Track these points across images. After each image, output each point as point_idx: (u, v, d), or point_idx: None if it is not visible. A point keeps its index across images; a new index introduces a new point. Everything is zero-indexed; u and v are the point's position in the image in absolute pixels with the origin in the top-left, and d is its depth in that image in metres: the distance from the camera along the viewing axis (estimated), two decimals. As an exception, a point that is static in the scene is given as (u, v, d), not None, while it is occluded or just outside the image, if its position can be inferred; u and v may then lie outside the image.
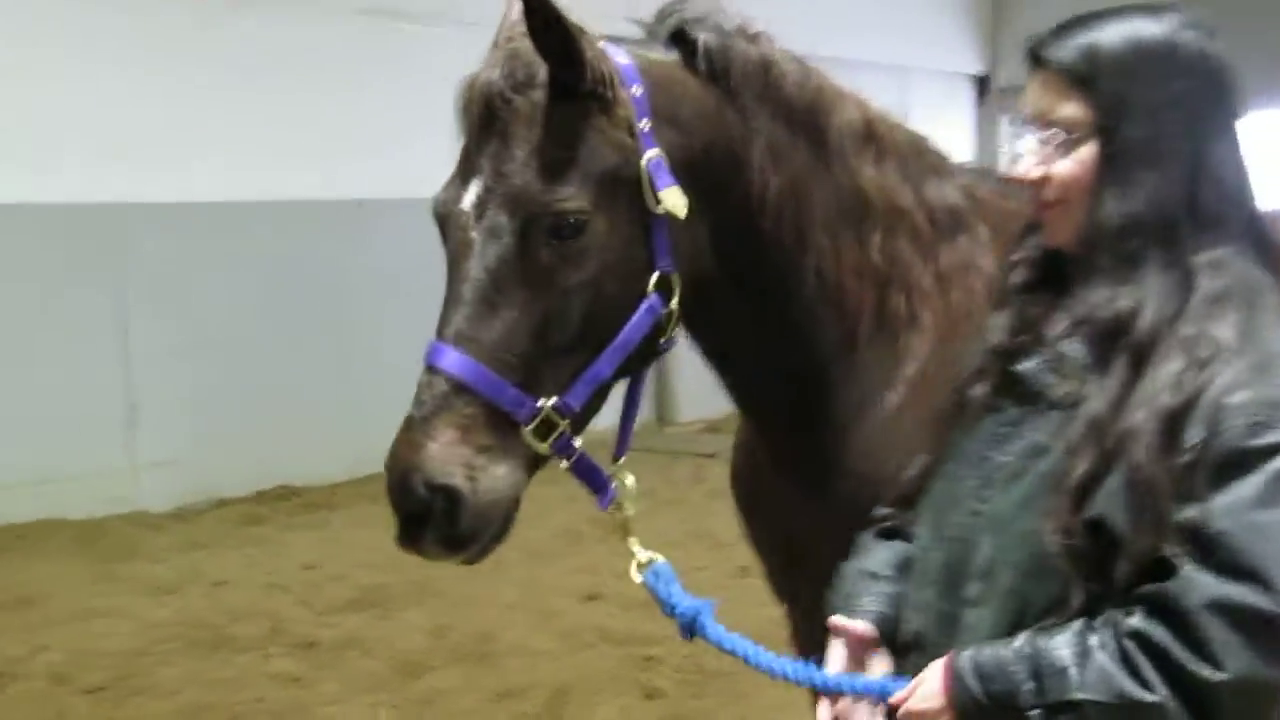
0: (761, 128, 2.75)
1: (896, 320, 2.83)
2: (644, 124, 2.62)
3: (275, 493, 9.29)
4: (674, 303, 2.63)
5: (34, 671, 6.11)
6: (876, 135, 2.87)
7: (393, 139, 9.90)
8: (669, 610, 2.44)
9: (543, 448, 2.49)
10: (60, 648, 6.39)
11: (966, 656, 2.03)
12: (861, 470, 2.71)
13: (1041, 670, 1.93)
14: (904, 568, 2.32)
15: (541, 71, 2.57)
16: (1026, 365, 2.14)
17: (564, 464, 2.54)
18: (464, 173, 2.60)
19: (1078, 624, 1.95)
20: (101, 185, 8.67)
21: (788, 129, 2.79)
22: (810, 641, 2.70)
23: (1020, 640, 1.98)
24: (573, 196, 2.54)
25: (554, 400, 2.50)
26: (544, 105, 2.57)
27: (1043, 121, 2.07)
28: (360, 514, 8.71)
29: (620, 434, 2.71)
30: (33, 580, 7.40)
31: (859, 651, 2.29)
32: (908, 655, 2.23)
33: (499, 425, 2.45)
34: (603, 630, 6.54)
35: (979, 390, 2.22)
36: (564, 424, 2.51)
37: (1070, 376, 2.06)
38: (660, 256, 2.63)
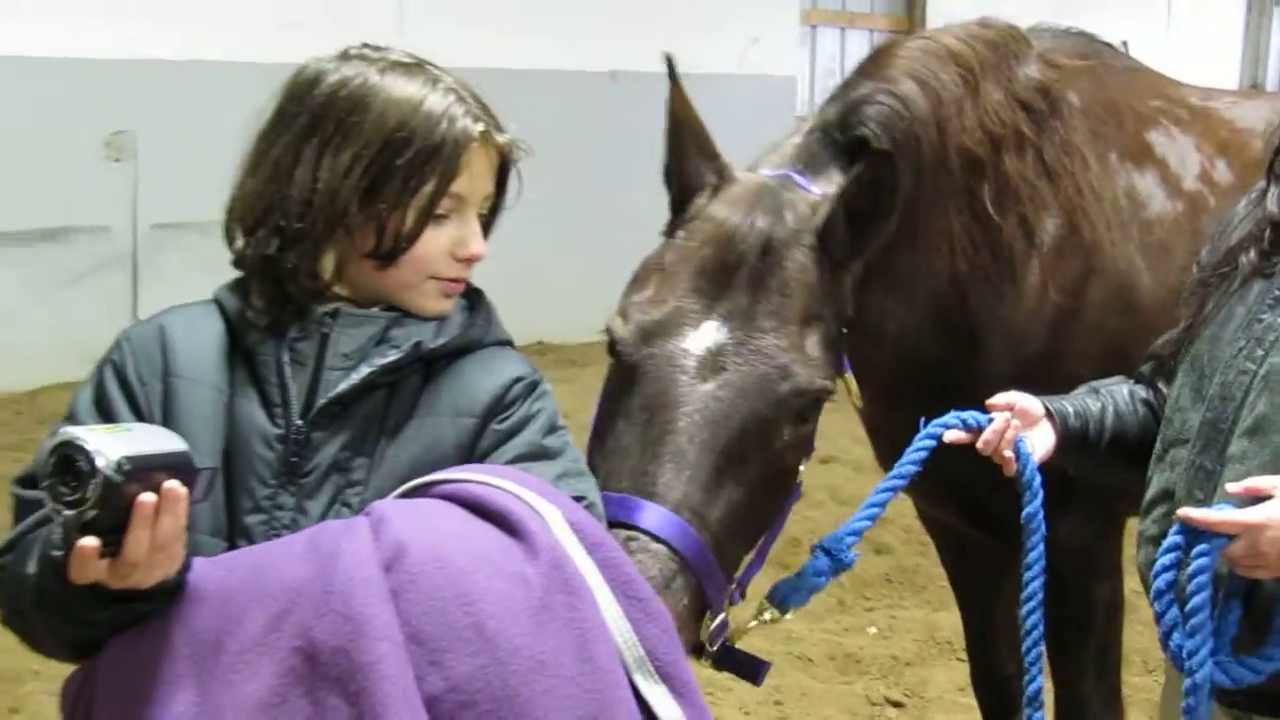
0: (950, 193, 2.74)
1: (1013, 250, 2.83)
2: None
3: (533, 348, 9.82)
4: (802, 482, 2.48)
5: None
6: (969, 76, 2.79)
7: (648, 12, 10.22)
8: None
9: (704, 635, 2.26)
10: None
11: None
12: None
13: None
14: (1131, 403, 2.47)
15: (805, 228, 2.43)
16: None
17: (712, 650, 2.29)
18: (690, 310, 2.36)
19: None
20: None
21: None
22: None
23: None
24: (830, 377, 2.39)
25: (732, 585, 2.32)
26: (811, 267, 2.41)
27: None
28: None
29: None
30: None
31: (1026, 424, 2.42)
32: (1154, 508, 2.29)
33: (696, 613, 2.20)
34: (833, 490, 6.86)
35: (1250, 256, 2.27)
36: (728, 609, 2.30)
37: None
38: (812, 440, 2.47)
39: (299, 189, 1.93)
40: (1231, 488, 2.10)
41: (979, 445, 2.43)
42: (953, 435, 2.44)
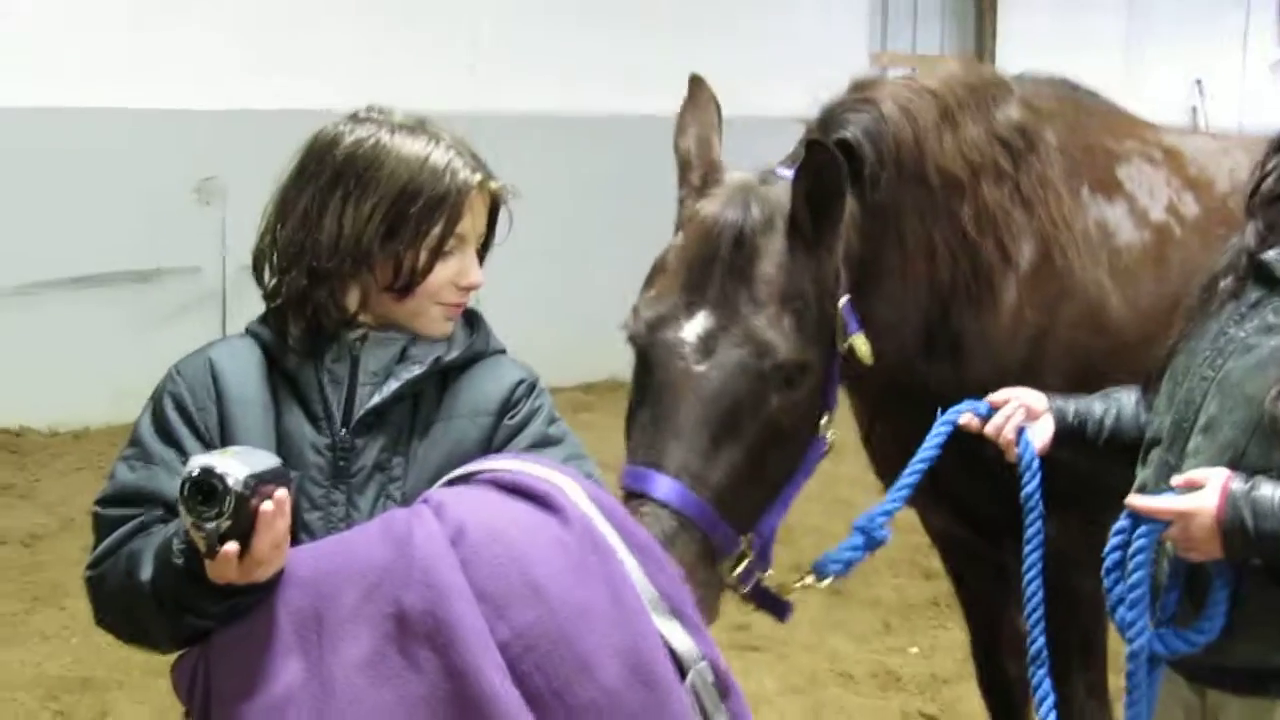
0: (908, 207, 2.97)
1: (992, 269, 3.07)
2: (841, 267, 2.79)
3: (604, 385, 10.09)
4: (831, 435, 2.81)
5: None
6: (947, 110, 3.03)
7: (714, 57, 10.46)
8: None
9: (731, 579, 2.66)
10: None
11: (1244, 489, 2.26)
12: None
13: None
14: (1134, 409, 2.70)
15: (778, 216, 2.72)
16: (1273, 254, 2.45)
17: (743, 590, 2.68)
18: (685, 303, 2.69)
19: None
20: (457, 95, 9.56)
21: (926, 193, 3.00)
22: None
23: None
24: (812, 349, 2.69)
25: (749, 535, 2.67)
26: (783, 250, 2.69)
27: None
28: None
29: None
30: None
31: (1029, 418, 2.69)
32: None
33: (708, 560, 2.56)
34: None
35: (1228, 281, 2.54)
36: (752, 555, 2.67)
37: None
38: (833, 396, 2.81)
39: (327, 235, 2.25)
40: (1174, 479, 2.37)
41: (988, 430, 2.73)
42: (966, 419, 2.74)
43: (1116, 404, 2.76)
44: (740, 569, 2.64)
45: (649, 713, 2.05)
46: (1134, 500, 2.42)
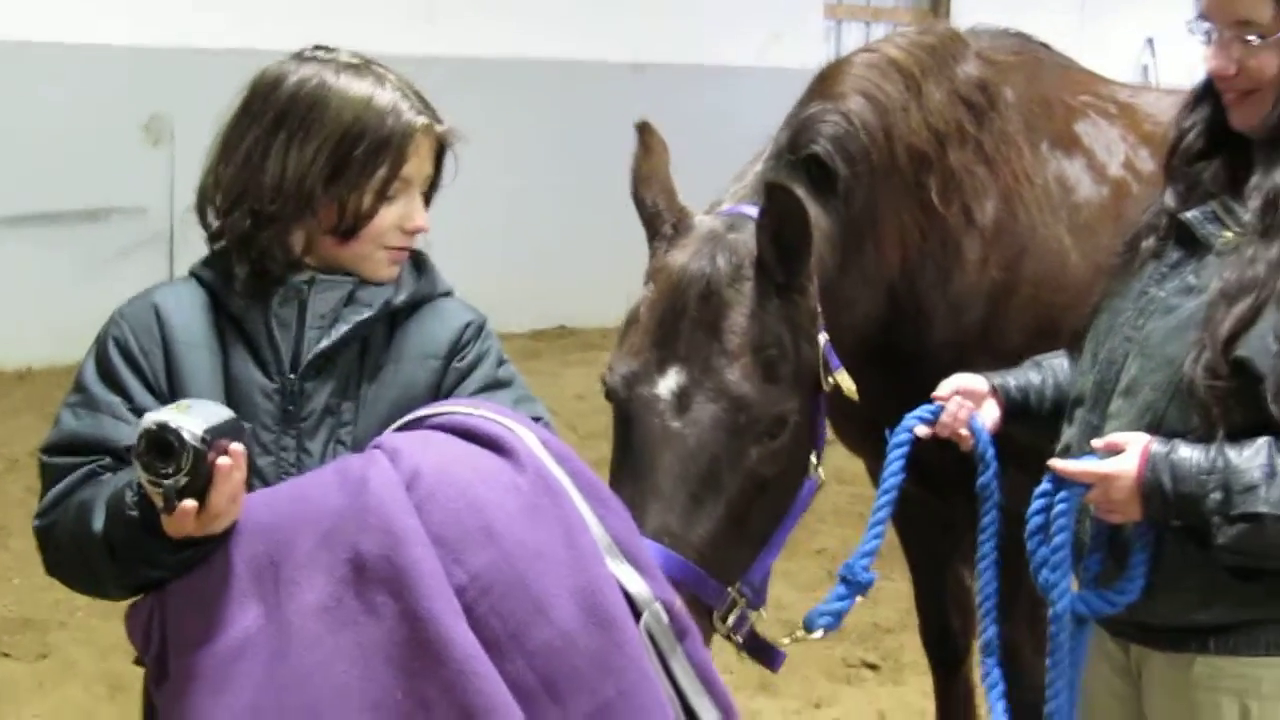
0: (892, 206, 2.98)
1: (959, 236, 3.08)
2: (818, 306, 2.74)
3: (555, 332, 10.11)
4: (821, 473, 2.77)
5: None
6: (911, 79, 3.02)
7: (672, 5, 10.44)
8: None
9: (723, 629, 2.61)
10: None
11: (1163, 452, 2.27)
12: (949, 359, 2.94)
13: (1230, 484, 2.20)
14: (1070, 373, 2.69)
15: (747, 263, 2.67)
16: (1192, 214, 2.43)
17: (737, 640, 2.65)
18: (658, 358, 2.64)
19: (1265, 445, 2.21)
20: (411, 38, 9.46)
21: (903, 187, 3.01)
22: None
23: (1213, 451, 2.23)
24: (790, 398, 2.65)
25: (739, 585, 2.63)
26: (753, 299, 2.64)
27: (1232, 20, 2.35)
28: (627, 355, 9.41)
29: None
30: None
31: (974, 401, 2.65)
32: None
33: (698, 616, 2.43)
34: (837, 471, 7.05)
35: (1149, 242, 2.52)
36: (742, 603, 2.64)
37: (1232, 229, 2.37)
38: (820, 436, 2.77)
39: (270, 177, 2.22)
40: (1095, 443, 2.38)
41: (939, 431, 2.69)
42: (922, 431, 2.68)
43: (1052, 370, 2.76)
44: (733, 618, 2.62)
45: (604, 652, 2.06)
46: (1056, 463, 2.43)
